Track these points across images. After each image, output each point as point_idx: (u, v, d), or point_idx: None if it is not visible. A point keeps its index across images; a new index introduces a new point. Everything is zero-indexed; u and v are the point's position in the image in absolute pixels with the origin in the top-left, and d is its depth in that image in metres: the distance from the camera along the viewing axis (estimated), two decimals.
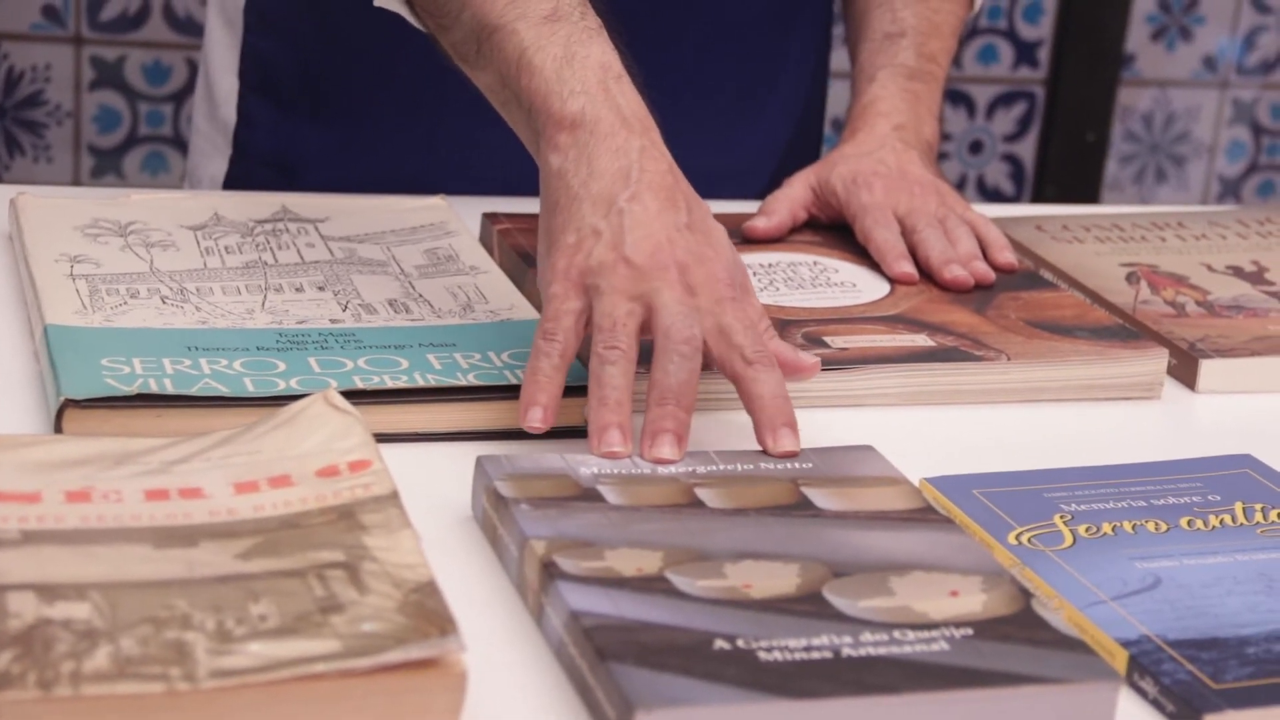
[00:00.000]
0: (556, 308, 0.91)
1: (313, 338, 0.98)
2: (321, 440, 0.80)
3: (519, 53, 0.97)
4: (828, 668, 0.69)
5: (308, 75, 1.31)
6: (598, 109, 0.94)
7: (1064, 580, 0.80)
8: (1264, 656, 0.74)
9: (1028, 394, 1.03)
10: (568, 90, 0.95)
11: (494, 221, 1.19)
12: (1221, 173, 2.52)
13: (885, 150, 1.22)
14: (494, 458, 0.85)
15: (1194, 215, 1.30)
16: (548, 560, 0.76)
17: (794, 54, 1.35)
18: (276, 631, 0.66)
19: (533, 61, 0.96)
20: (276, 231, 1.13)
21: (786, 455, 0.88)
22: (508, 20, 0.97)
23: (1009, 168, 2.46)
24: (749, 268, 1.13)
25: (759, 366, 0.90)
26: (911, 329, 1.06)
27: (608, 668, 0.68)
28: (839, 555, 0.78)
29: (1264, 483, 0.90)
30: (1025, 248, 1.22)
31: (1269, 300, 1.14)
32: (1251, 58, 2.47)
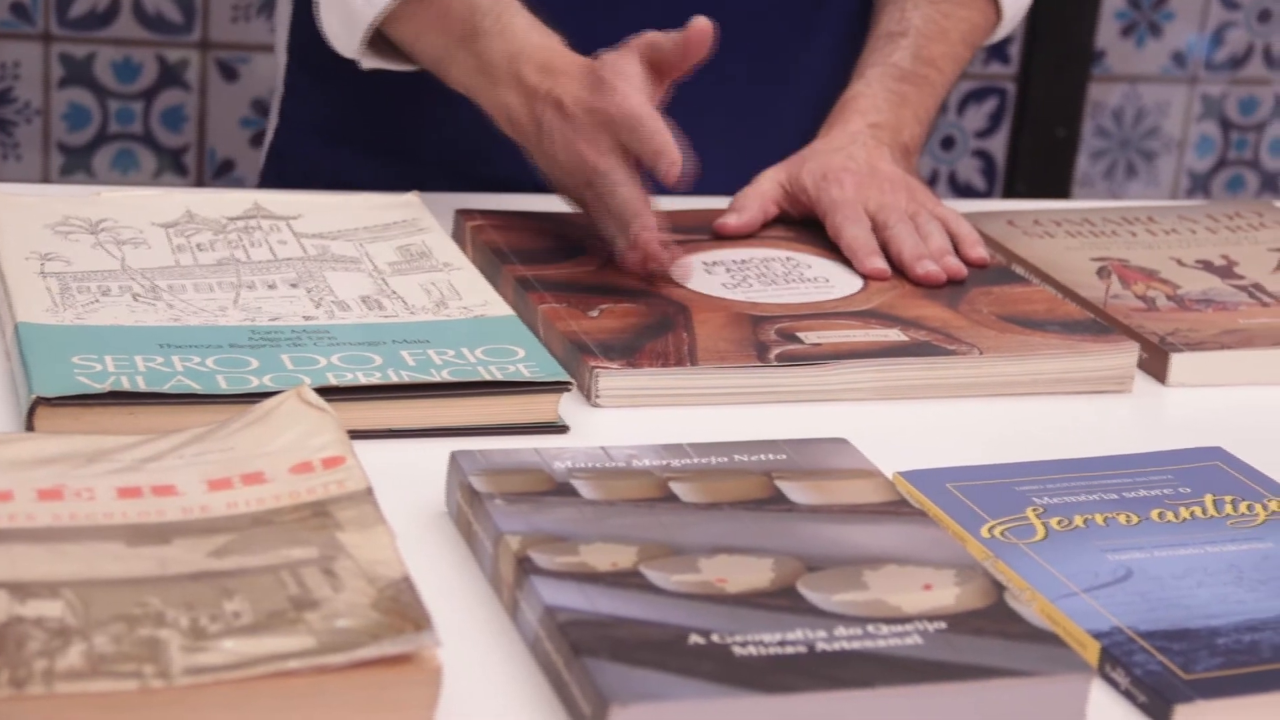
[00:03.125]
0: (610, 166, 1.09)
1: (286, 335, 0.97)
2: (295, 437, 0.80)
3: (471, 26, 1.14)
4: (802, 662, 0.69)
5: None
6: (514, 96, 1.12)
7: (1036, 573, 0.80)
8: (1234, 647, 0.75)
9: (1000, 388, 1.03)
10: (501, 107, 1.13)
11: (467, 218, 1.19)
12: (1191, 168, 2.53)
13: (856, 146, 1.22)
14: (468, 453, 0.85)
15: (1164, 210, 1.31)
16: (522, 555, 0.76)
17: (815, 51, 1.35)
18: (250, 628, 0.66)
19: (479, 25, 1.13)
20: (249, 229, 1.13)
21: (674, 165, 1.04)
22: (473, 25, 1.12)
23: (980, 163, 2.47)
24: (722, 264, 1.13)
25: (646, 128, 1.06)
26: (884, 324, 1.06)
27: (582, 663, 0.69)
28: (813, 549, 0.78)
29: (1234, 475, 0.91)
30: (997, 243, 1.23)
31: (1238, 294, 1.15)
32: (1220, 53, 2.48)
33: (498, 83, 1.13)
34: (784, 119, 1.34)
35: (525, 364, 0.95)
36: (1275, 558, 0.82)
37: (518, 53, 1.12)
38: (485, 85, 1.14)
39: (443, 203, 1.22)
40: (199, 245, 1.10)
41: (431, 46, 1.17)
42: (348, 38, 1.21)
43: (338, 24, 1.21)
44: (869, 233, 1.16)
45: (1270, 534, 0.84)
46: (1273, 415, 1.04)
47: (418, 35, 1.18)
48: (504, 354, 0.97)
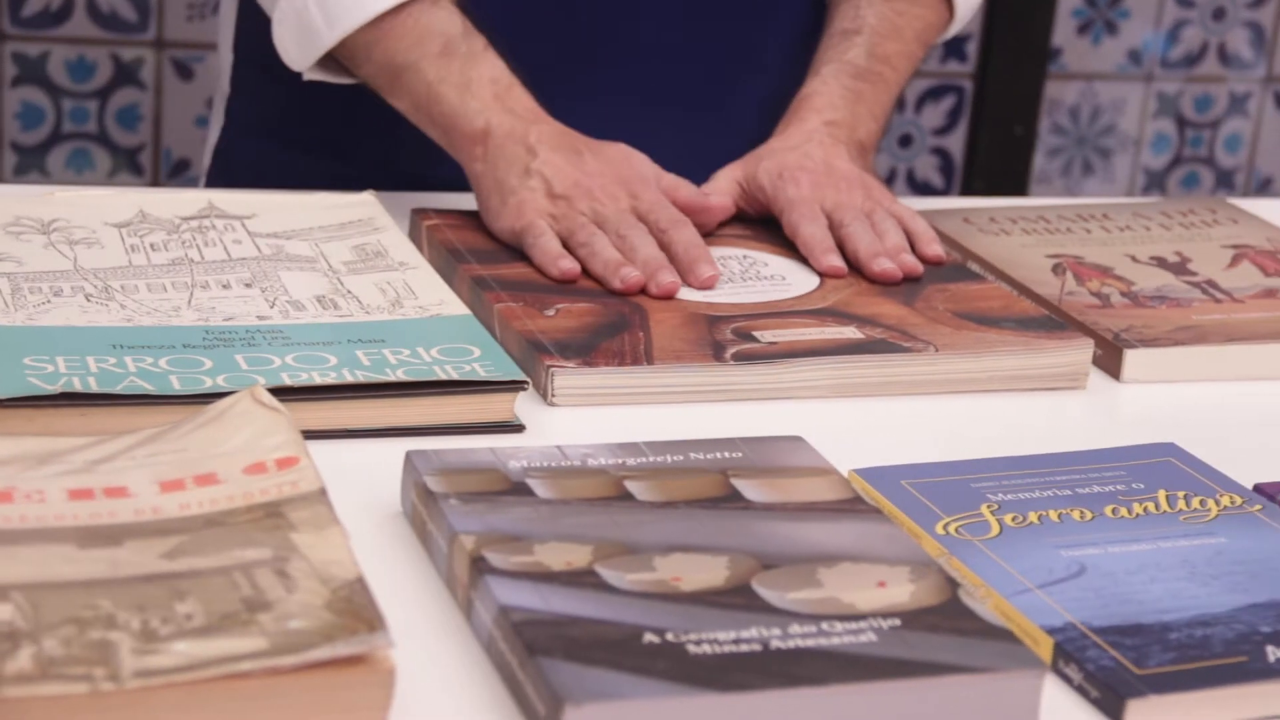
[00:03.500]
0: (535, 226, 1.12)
1: (240, 335, 0.97)
2: (248, 438, 0.80)
3: (426, 87, 1.17)
4: (756, 660, 0.69)
5: None
6: (496, 117, 1.16)
7: (991, 569, 0.81)
8: (1186, 642, 0.75)
9: (955, 385, 1.04)
10: (471, 111, 1.16)
11: (423, 217, 1.19)
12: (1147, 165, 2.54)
13: (812, 144, 1.22)
14: (423, 453, 0.85)
15: (1118, 207, 1.31)
16: (477, 555, 0.76)
17: (771, 49, 1.35)
18: (202, 630, 0.65)
19: (438, 92, 1.16)
20: (203, 228, 1.12)
21: (708, 282, 1.09)
22: (412, 60, 1.17)
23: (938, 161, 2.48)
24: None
25: (672, 231, 1.12)
26: (840, 322, 1.06)
27: (537, 662, 0.68)
28: (768, 547, 0.78)
29: (1187, 471, 0.91)
30: (953, 240, 1.23)
31: (1191, 290, 1.16)
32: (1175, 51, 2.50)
33: (474, 98, 1.16)
34: (741, 115, 1.35)
35: (481, 363, 0.95)
36: (1227, 553, 0.83)
37: (502, 80, 1.17)
38: (455, 97, 1.16)
39: (399, 202, 1.22)
40: (152, 245, 1.09)
41: (390, 56, 1.17)
42: (299, 54, 1.20)
43: (291, 40, 1.20)
44: (825, 231, 1.17)
45: (1222, 529, 0.85)
46: (1225, 411, 1.05)
47: (373, 45, 1.17)
48: (460, 353, 0.96)
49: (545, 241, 1.11)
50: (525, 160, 1.14)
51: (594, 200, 1.13)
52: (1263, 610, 0.78)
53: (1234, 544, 0.83)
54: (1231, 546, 0.83)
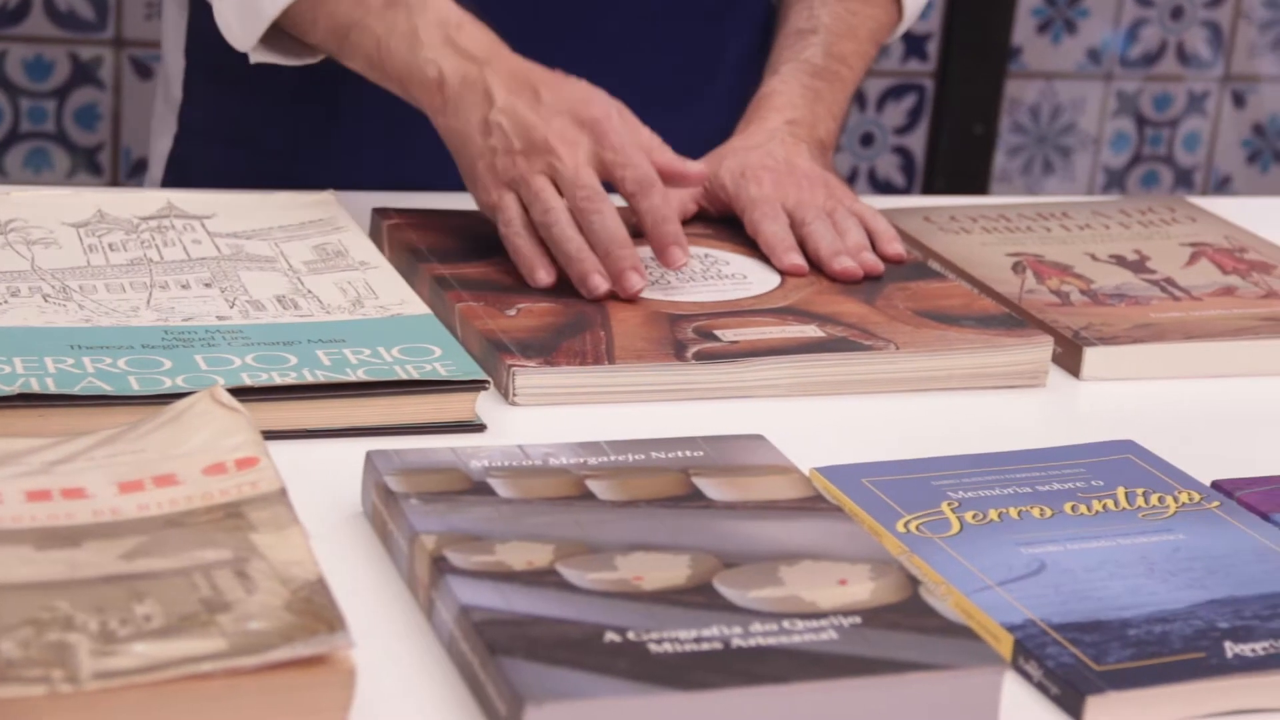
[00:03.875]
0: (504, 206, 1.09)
1: (199, 335, 0.97)
2: (207, 438, 0.79)
3: (375, 42, 1.13)
4: (718, 659, 0.69)
5: None
6: (449, 63, 1.11)
7: (951, 567, 0.81)
8: (1145, 638, 0.75)
9: (916, 383, 1.04)
10: (422, 61, 1.11)
11: (384, 217, 1.18)
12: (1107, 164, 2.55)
13: (774, 143, 1.23)
14: (384, 453, 0.85)
15: (1078, 205, 1.32)
16: (438, 555, 0.76)
17: (731, 48, 1.35)
18: (161, 631, 0.65)
19: (388, 46, 1.13)
20: (162, 228, 1.12)
21: (676, 266, 1.08)
22: (356, 17, 1.14)
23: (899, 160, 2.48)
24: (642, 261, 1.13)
25: (640, 196, 1.08)
26: (801, 320, 1.07)
27: (498, 662, 0.68)
28: (729, 546, 0.78)
29: (1145, 468, 0.91)
30: (913, 239, 1.23)
31: (1150, 288, 1.16)
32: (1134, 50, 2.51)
33: (424, 46, 1.11)
34: (701, 114, 1.35)
35: (442, 363, 0.95)
36: (1186, 549, 0.83)
37: (451, 20, 1.12)
38: (404, 49, 1.12)
39: (359, 201, 1.21)
40: (111, 245, 1.09)
41: (334, 17, 1.15)
42: (243, 31, 1.19)
43: (234, 16, 1.19)
44: (787, 229, 1.17)
45: (1181, 526, 0.85)
46: (1184, 408, 1.05)
47: (316, 7, 1.15)
48: (420, 353, 0.96)
49: (519, 241, 1.09)
50: (483, 110, 1.10)
51: (551, 154, 1.08)
52: (1220, 606, 0.78)
53: (1192, 541, 0.84)
54: (1190, 543, 0.84)
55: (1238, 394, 1.07)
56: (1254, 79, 2.56)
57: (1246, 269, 1.20)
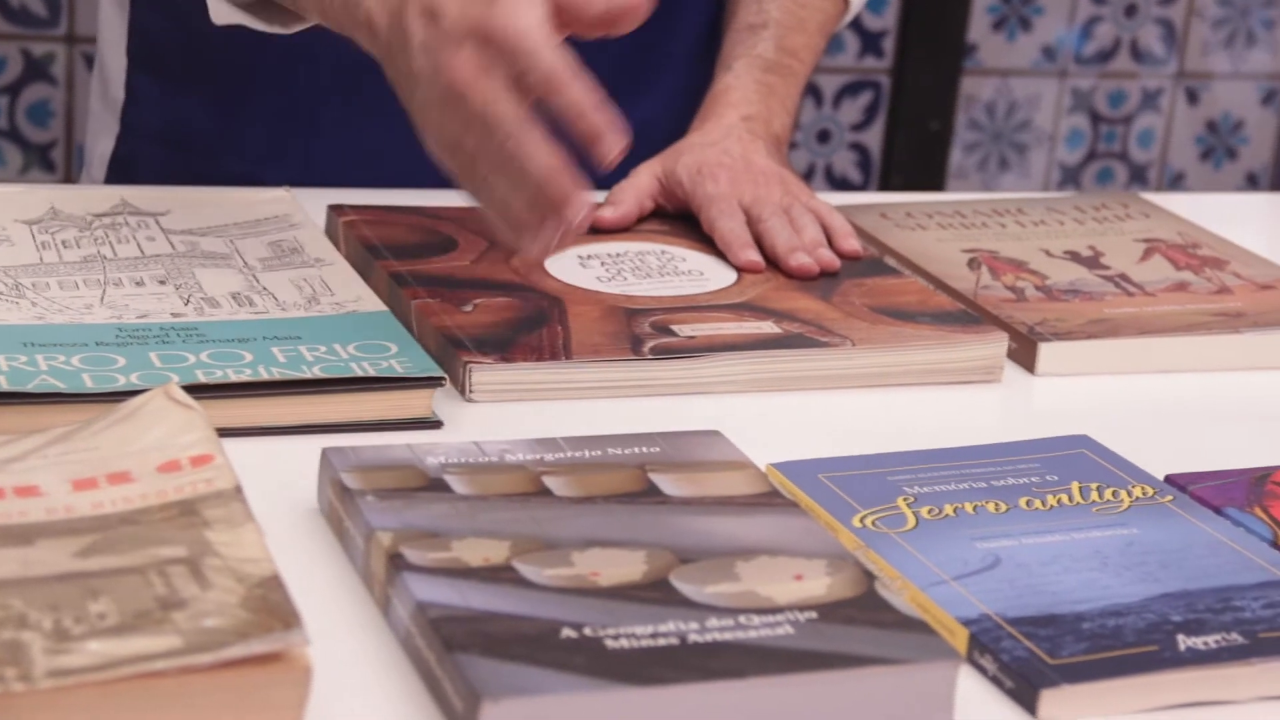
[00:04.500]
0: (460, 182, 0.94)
1: (154, 332, 0.96)
2: (162, 435, 0.79)
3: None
4: (674, 654, 0.69)
5: (192, 51, 1.30)
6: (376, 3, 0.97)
7: (907, 561, 0.81)
8: (1099, 631, 0.76)
9: (872, 379, 1.04)
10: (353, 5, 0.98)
11: (339, 213, 1.18)
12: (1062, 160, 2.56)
13: (731, 140, 1.23)
14: (339, 449, 0.85)
15: (1033, 202, 1.33)
16: (394, 552, 0.76)
17: (677, 42, 1.35)
18: (116, 629, 0.65)
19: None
20: (116, 225, 1.11)
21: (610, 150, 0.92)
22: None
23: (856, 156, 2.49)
24: (597, 258, 1.14)
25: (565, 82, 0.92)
26: (758, 316, 1.07)
27: (454, 659, 0.68)
28: (686, 541, 0.78)
29: (1099, 462, 0.92)
30: (870, 235, 1.24)
31: (1105, 284, 1.17)
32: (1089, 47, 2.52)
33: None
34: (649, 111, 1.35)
35: (398, 359, 0.95)
36: (1139, 543, 0.84)
37: None
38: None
39: (315, 198, 1.21)
40: (64, 242, 1.08)
41: None
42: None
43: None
44: (743, 226, 1.17)
45: (1134, 520, 0.86)
46: (1138, 403, 1.06)
47: None
48: (377, 350, 0.96)
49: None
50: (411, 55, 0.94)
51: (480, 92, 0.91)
52: (1173, 600, 0.79)
53: (1146, 535, 0.84)
54: (1143, 537, 0.84)
55: (1191, 389, 1.08)
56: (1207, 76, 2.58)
57: (1199, 265, 1.21)
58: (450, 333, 1.01)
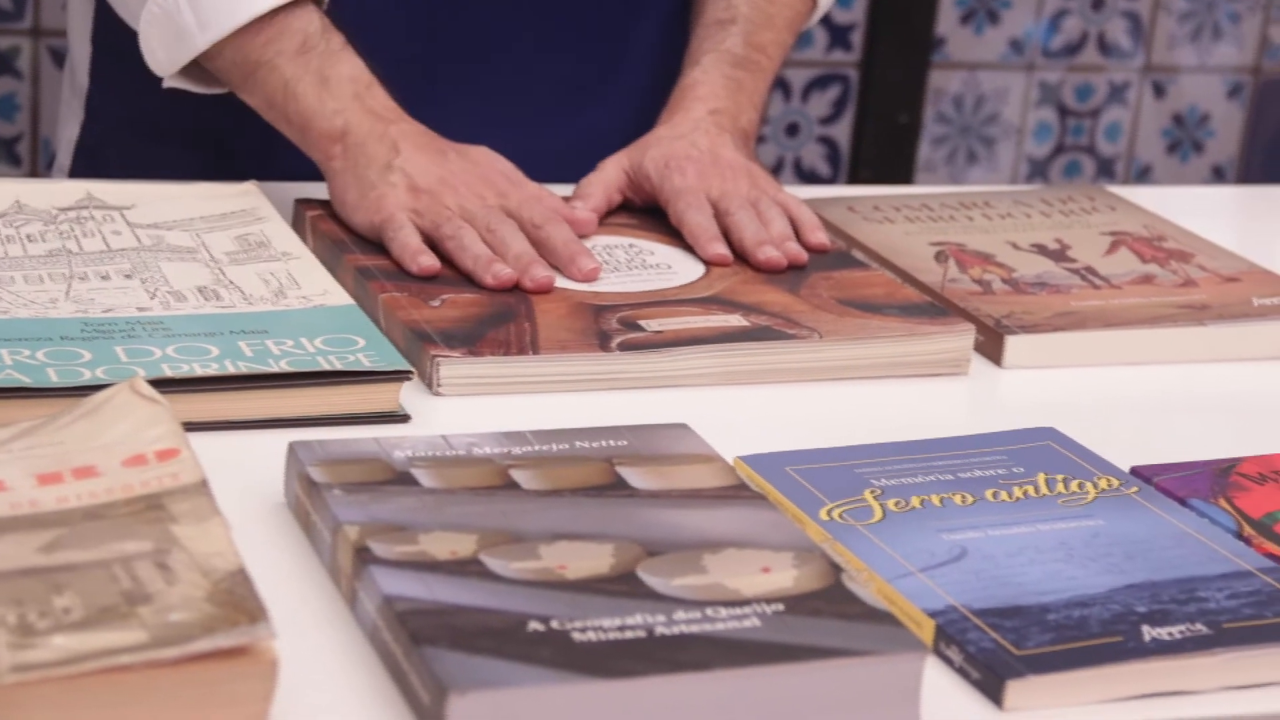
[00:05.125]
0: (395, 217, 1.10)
1: (120, 326, 0.96)
2: (128, 429, 0.79)
3: (282, 84, 1.14)
4: (641, 647, 0.70)
5: None
6: (355, 117, 1.13)
7: (874, 554, 0.81)
8: (1064, 622, 0.76)
9: (840, 371, 1.04)
10: (329, 110, 1.13)
11: (306, 207, 1.18)
12: (1030, 154, 2.57)
13: (698, 133, 1.23)
14: (306, 443, 0.85)
15: (1000, 195, 1.33)
16: (361, 545, 0.76)
17: (637, 41, 1.35)
18: (81, 623, 0.65)
19: (295, 91, 1.14)
20: (81, 219, 1.11)
21: (591, 274, 1.08)
22: (267, 57, 1.14)
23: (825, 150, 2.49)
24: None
25: (547, 227, 1.11)
26: (726, 309, 1.07)
27: (421, 652, 0.68)
28: (653, 534, 0.78)
29: (1065, 454, 0.92)
30: (837, 228, 1.24)
31: (1071, 277, 1.17)
32: (1056, 41, 2.53)
33: (332, 98, 1.13)
34: (613, 107, 1.35)
35: (365, 353, 0.95)
36: (1104, 535, 0.84)
37: (361, 79, 1.14)
38: (312, 97, 1.13)
39: (282, 192, 1.21)
40: (29, 236, 1.07)
41: (242, 52, 1.15)
42: (167, 58, 1.18)
43: (159, 43, 1.17)
44: (711, 219, 1.17)
45: (1100, 512, 0.86)
46: (1104, 395, 1.06)
47: (226, 40, 1.15)
48: (344, 343, 0.96)
49: (405, 235, 1.09)
50: (387, 157, 1.12)
51: (460, 196, 1.11)
52: (1138, 591, 0.79)
53: (1111, 526, 0.85)
54: (1108, 529, 0.85)
55: (1156, 381, 1.09)
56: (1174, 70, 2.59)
57: (1165, 257, 1.22)
58: (418, 327, 1.01)
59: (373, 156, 1.12)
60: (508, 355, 0.99)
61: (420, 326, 1.01)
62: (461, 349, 0.99)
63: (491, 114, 1.27)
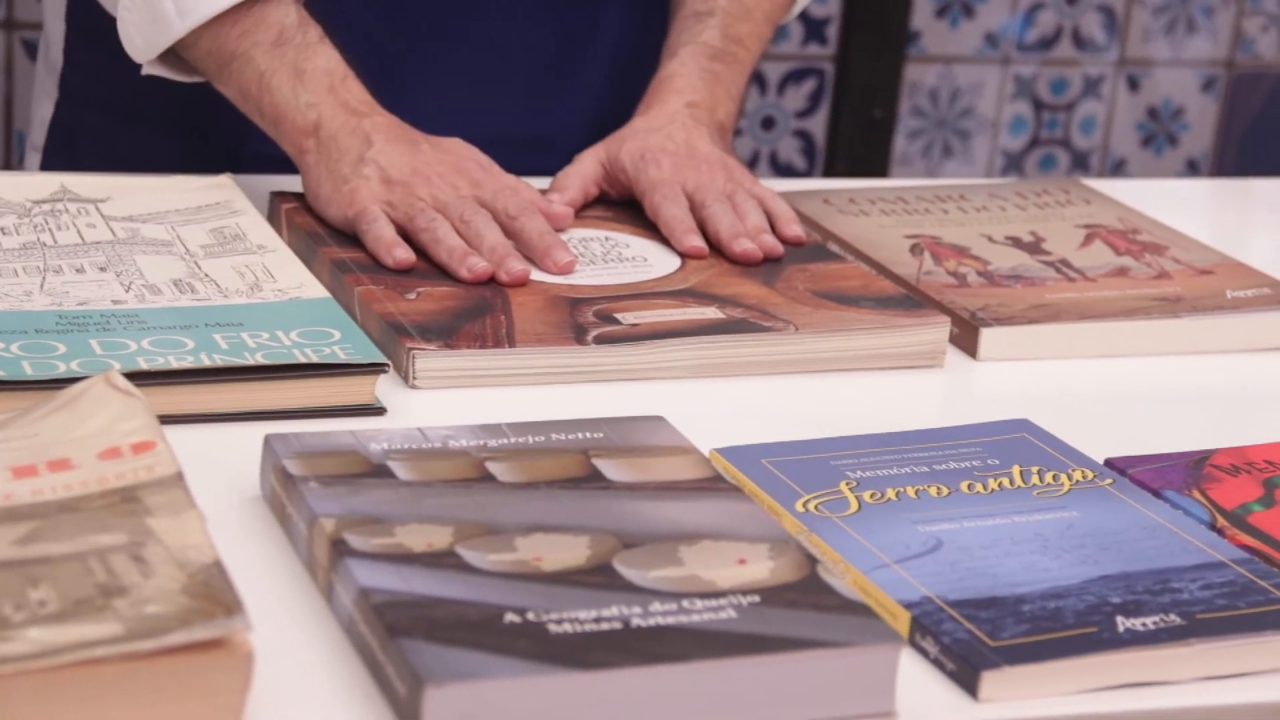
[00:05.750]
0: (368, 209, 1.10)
1: (94, 319, 0.96)
2: (103, 422, 0.79)
3: (257, 76, 1.14)
4: (617, 638, 0.70)
5: None
6: (329, 110, 1.13)
7: (850, 545, 0.82)
8: (1039, 614, 0.76)
9: (815, 364, 1.05)
10: (303, 104, 1.13)
11: (282, 200, 1.18)
12: (1005, 147, 2.58)
13: (675, 126, 1.23)
14: (282, 436, 0.84)
15: (975, 188, 1.33)
16: (337, 538, 0.76)
17: (607, 28, 1.35)
18: (56, 616, 0.65)
19: (270, 84, 1.14)
20: (55, 212, 1.10)
21: (566, 268, 1.08)
22: (243, 48, 1.14)
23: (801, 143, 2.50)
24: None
25: (522, 219, 1.11)
26: (702, 302, 1.07)
27: (397, 644, 0.68)
28: (629, 526, 0.78)
29: (1040, 446, 0.93)
30: (813, 221, 1.24)
31: (1046, 269, 1.18)
32: (1031, 34, 2.53)
33: (306, 91, 1.13)
34: (580, 98, 1.35)
35: (341, 346, 0.95)
36: (1079, 526, 0.84)
37: (336, 72, 1.14)
38: (286, 90, 1.13)
39: (257, 185, 1.20)
40: (3, 229, 1.07)
41: (219, 42, 1.15)
42: (145, 45, 1.18)
43: (138, 30, 1.17)
44: (687, 212, 1.17)
45: (1074, 503, 0.87)
46: (1078, 388, 1.07)
47: (202, 30, 1.15)
48: (319, 336, 0.96)
49: (379, 228, 1.09)
50: (360, 150, 1.12)
51: (433, 187, 1.11)
52: (1112, 582, 0.79)
53: (1085, 518, 0.85)
54: (1083, 520, 0.85)
55: (1131, 373, 1.09)
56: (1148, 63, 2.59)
57: (1139, 250, 1.22)
58: (394, 319, 1.01)
59: (345, 149, 1.12)
60: (483, 348, 0.99)
61: (396, 319, 1.01)
62: (437, 342, 0.99)
63: (460, 99, 1.27)
